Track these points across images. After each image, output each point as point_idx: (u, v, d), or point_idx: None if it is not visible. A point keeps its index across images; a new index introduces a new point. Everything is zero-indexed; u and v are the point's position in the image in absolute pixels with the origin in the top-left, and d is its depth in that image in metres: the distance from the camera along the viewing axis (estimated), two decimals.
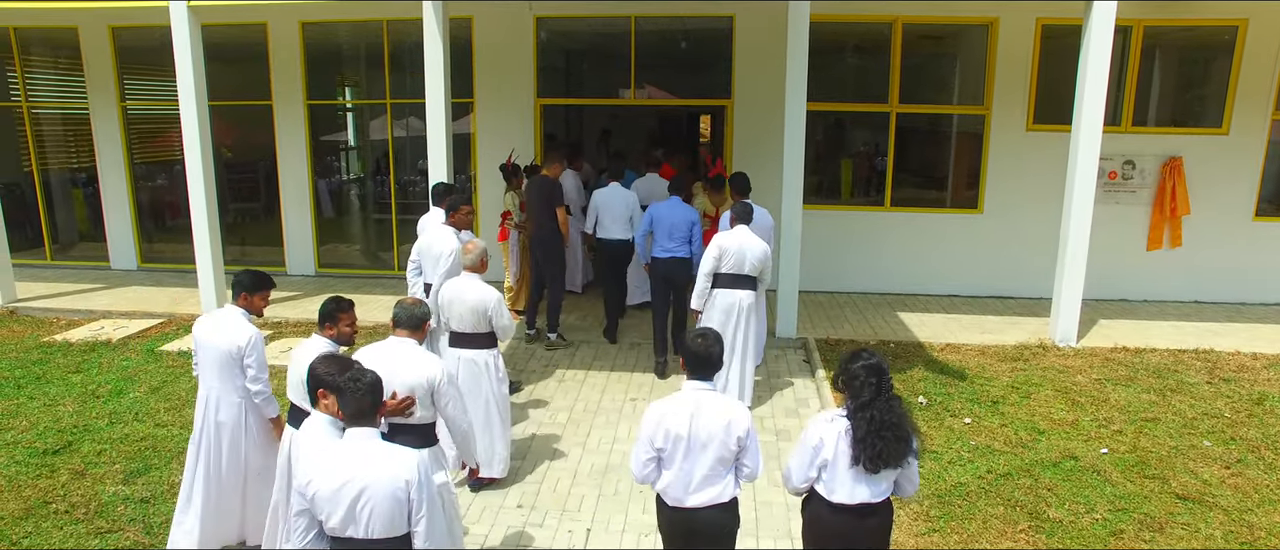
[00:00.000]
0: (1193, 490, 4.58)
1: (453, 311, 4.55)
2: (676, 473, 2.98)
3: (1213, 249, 8.40)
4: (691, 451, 2.95)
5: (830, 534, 2.96)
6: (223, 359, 3.86)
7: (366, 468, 2.60)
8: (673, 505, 3.02)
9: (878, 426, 2.82)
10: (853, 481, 2.88)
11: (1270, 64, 8.03)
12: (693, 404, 2.97)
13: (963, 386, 6.06)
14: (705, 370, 3.01)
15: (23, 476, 4.80)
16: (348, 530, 2.61)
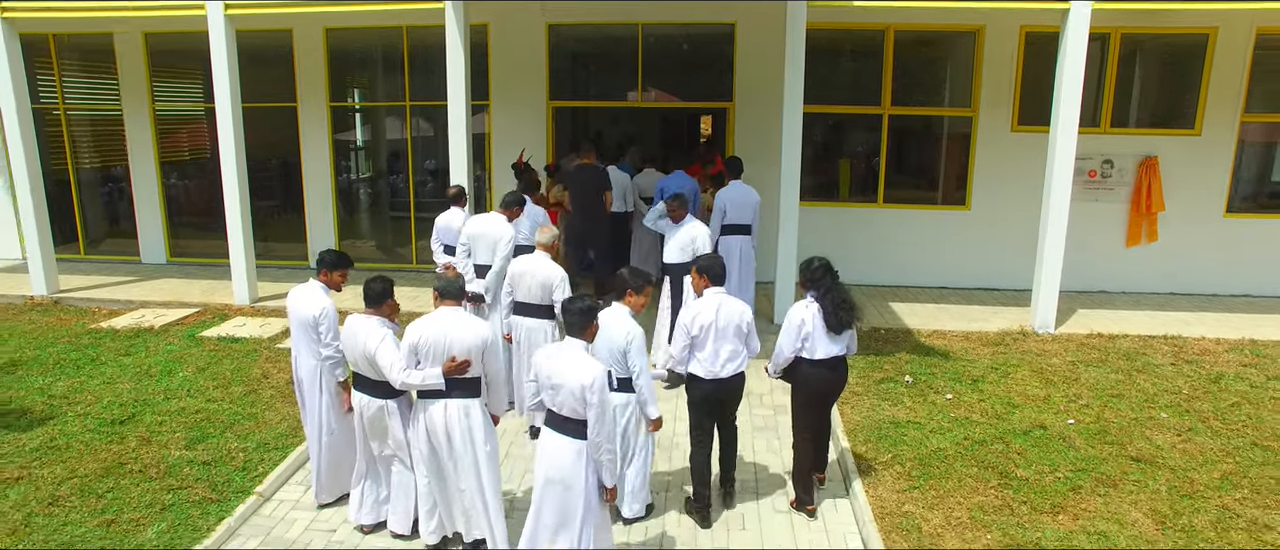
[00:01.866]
0: (1146, 453, 5.17)
1: (521, 284, 5.31)
2: (709, 352, 4.31)
3: (1187, 244, 9.00)
4: (719, 335, 4.30)
5: (816, 380, 4.50)
6: (303, 325, 4.46)
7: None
8: (708, 377, 4.33)
9: (837, 303, 4.38)
10: (827, 343, 4.42)
11: (1239, 69, 8.62)
12: (716, 302, 4.34)
13: (946, 367, 6.65)
14: (719, 280, 4.40)
15: (97, 442, 5.39)
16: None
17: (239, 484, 4.94)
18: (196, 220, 10.64)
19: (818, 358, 4.43)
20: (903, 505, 4.64)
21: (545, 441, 3.72)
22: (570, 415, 3.59)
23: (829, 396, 4.67)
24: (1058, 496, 4.70)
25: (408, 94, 9.72)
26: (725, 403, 4.47)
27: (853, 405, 5.93)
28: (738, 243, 7.08)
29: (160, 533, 4.40)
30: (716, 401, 4.43)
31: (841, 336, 4.44)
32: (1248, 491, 4.72)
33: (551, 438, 3.68)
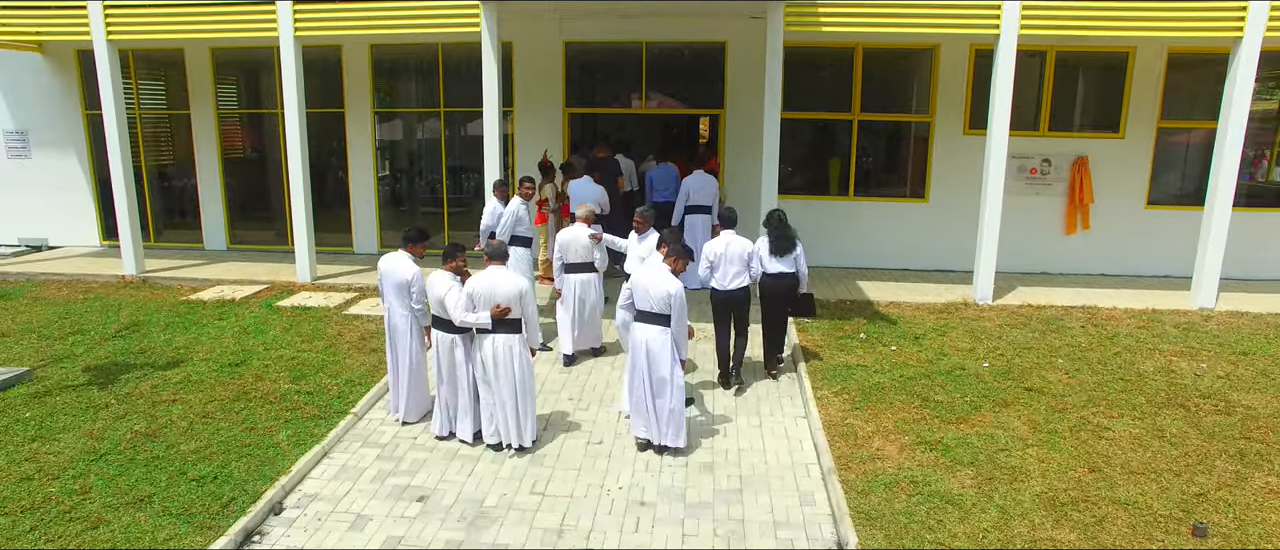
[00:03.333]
0: (1037, 385, 6.78)
1: (569, 249, 7.33)
2: (721, 272, 6.78)
3: (1113, 232, 10.61)
4: (728, 261, 6.75)
5: (767, 286, 7.03)
6: (398, 285, 6.08)
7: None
8: (722, 289, 6.80)
9: (778, 237, 6.92)
10: (775, 263, 6.96)
11: (1155, 82, 10.23)
12: (727, 239, 6.78)
13: (895, 328, 8.26)
14: (731, 226, 6.88)
15: (222, 378, 7.00)
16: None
17: (338, 407, 6.55)
18: (252, 211, 12.24)
19: (771, 271, 7.01)
20: (846, 419, 6.25)
21: (638, 330, 5.76)
22: (658, 310, 5.62)
23: (778, 299, 7.03)
24: (962, 413, 6.31)
25: (442, 100, 11.33)
26: (733, 306, 6.85)
27: (816, 353, 7.54)
28: (699, 220, 9.46)
29: (288, 437, 6.01)
30: (727, 305, 6.85)
31: (785, 259, 6.96)
32: (1102, 407, 6.33)
33: (643, 327, 5.75)
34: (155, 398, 6.65)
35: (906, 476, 5.39)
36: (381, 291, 6.33)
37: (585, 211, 7.42)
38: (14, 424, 6.16)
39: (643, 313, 5.75)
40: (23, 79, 11.86)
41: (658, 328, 5.68)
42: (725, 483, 5.54)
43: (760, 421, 6.45)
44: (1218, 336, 8.04)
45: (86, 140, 12.02)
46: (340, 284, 10.05)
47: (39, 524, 4.92)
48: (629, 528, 5.02)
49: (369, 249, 11.82)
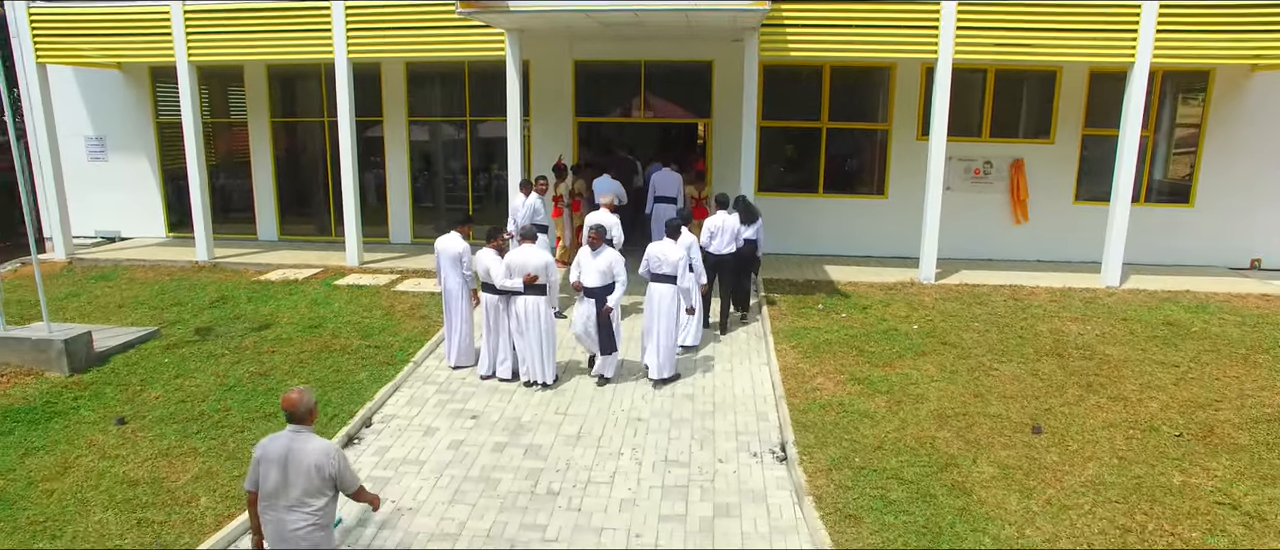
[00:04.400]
0: (951, 341, 8.74)
1: None
2: (718, 241, 9.06)
3: (1048, 225, 12.56)
4: (723, 232, 9.07)
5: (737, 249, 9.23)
6: (452, 258, 8.08)
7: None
8: (716, 253, 9.09)
9: (744, 209, 9.37)
10: (745, 230, 9.27)
11: (1080, 95, 12.19)
12: (722, 218, 9.14)
13: (848, 301, 10.22)
14: (724, 206, 9.20)
15: (305, 337, 8.99)
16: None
17: (401, 357, 8.52)
18: (298, 207, 14.22)
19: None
20: (798, 365, 8.21)
21: (654, 289, 7.84)
22: (669, 272, 7.73)
23: (744, 258, 9.39)
24: (887, 360, 8.27)
25: (468, 110, 13.31)
26: (722, 267, 9.18)
27: (780, 319, 9.50)
28: (664, 209, 11.36)
29: (366, 376, 7.98)
30: (719, 266, 9.17)
31: (750, 227, 9.33)
32: (997, 356, 8.30)
33: (658, 287, 7.82)
34: (257, 350, 8.63)
35: (836, 401, 7.35)
36: (438, 265, 8.32)
37: (608, 199, 9.70)
38: (158, 367, 8.15)
39: (656, 275, 7.91)
40: (102, 92, 13.85)
41: (669, 286, 7.85)
42: (702, 406, 7.51)
43: (732, 367, 8.41)
44: (1110, 307, 10.00)
45: (156, 144, 14.02)
46: (384, 268, 12.03)
47: (202, 429, 6.90)
48: (629, 434, 6.99)
49: (403, 239, 13.80)
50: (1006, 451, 6.39)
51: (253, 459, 4.27)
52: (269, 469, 4.19)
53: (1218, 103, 12.14)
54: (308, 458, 4.15)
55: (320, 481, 4.16)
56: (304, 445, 4.18)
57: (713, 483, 6.23)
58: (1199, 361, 8.17)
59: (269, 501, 4.20)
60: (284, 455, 4.17)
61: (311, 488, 4.16)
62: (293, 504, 4.16)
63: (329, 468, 4.17)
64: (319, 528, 4.22)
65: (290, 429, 4.25)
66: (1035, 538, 5.24)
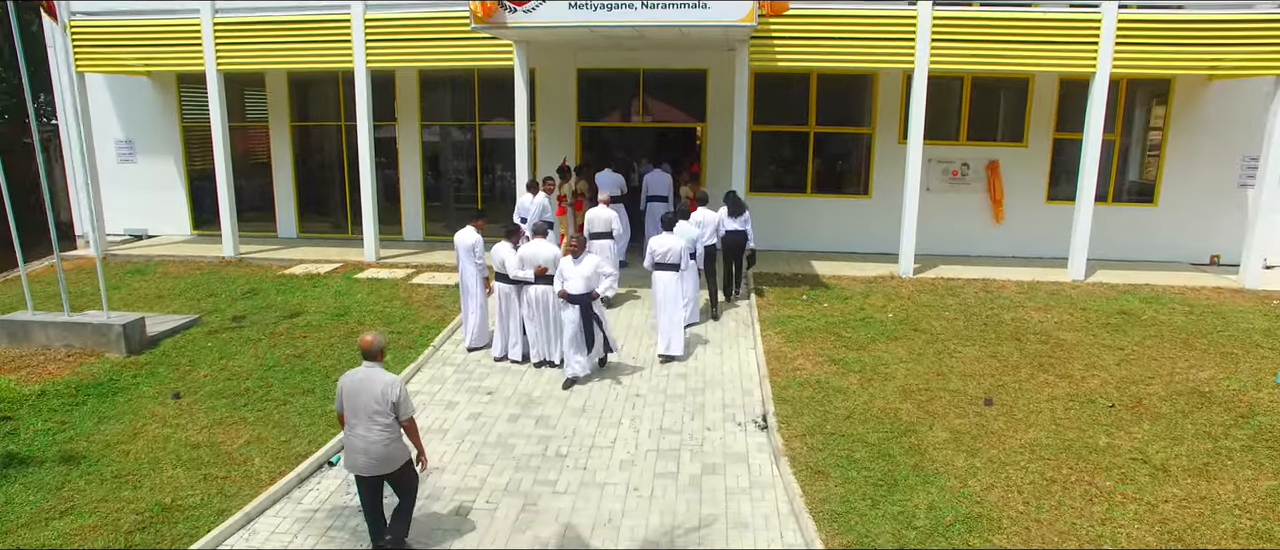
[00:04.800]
0: (922, 328, 9.69)
1: (593, 223, 10.53)
2: (710, 231, 10.28)
3: (1021, 223, 13.50)
4: (706, 225, 10.27)
5: (727, 239, 10.56)
6: (467, 249, 9.05)
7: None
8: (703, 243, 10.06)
9: (733, 203, 10.45)
10: (731, 222, 10.47)
11: (1050, 102, 13.14)
12: (720, 214, 10.53)
13: (831, 293, 11.17)
14: (704, 204, 10.19)
15: (333, 323, 9.94)
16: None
17: (421, 342, 9.47)
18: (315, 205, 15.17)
19: (729, 228, 10.42)
20: (781, 349, 9.15)
21: (659, 276, 8.89)
22: (674, 262, 8.78)
23: (735, 247, 10.56)
24: (862, 344, 9.21)
25: (477, 115, 14.27)
26: (712, 255, 10.36)
27: (767, 309, 10.44)
28: (657, 206, 12.28)
29: (392, 359, 8.92)
30: (707, 254, 10.17)
31: (738, 219, 10.39)
32: (962, 340, 9.24)
33: (662, 274, 8.89)
34: (290, 335, 9.59)
35: (814, 379, 8.30)
36: (457, 256, 9.27)
37: (608, 195, 11.08)
38: (202, 350, 9.11)
39: (659, 264, 8.97)
40: (131, 98, 14.80)
41: (671, 273, 8.95)
42: (694, 384, 8.46)
43: (722, 351, 9.36)
44: (1072, 298, 10.95)
45: (182, 146, 14.97)
46: (400, 262, 12.98)
47: (248, 403, 7.85)
48: (628, 407, 7.94)
49: (415, 236, 14.75)
50: (960, 420, 7.33)
51: (338, 389, 5.43)
52: (347, 395, 5.37)
53: (1178, 109, 13.10)
54: (377, 385, 5.31)
55: (385, 404, 5.28)
56: (375, 376, 5.35)
57: (702, 447, 7.18)
58: (1142, 345, 9.12)
59: (350, 419, 5.38)
60: (359, 384, 5.33)
61: (380, 408, 5.28)
62: (367, 420, 5.31)
63: (391, 395, 5.33)
64: (388, 441, 5.36)
65: (366, 365, 5.42)
66: (975, 487, 6.18)
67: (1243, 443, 6.68)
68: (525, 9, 10.10)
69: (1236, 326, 9.76)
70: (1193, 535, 5.47)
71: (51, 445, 7.00)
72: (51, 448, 6.95)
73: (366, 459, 5.34)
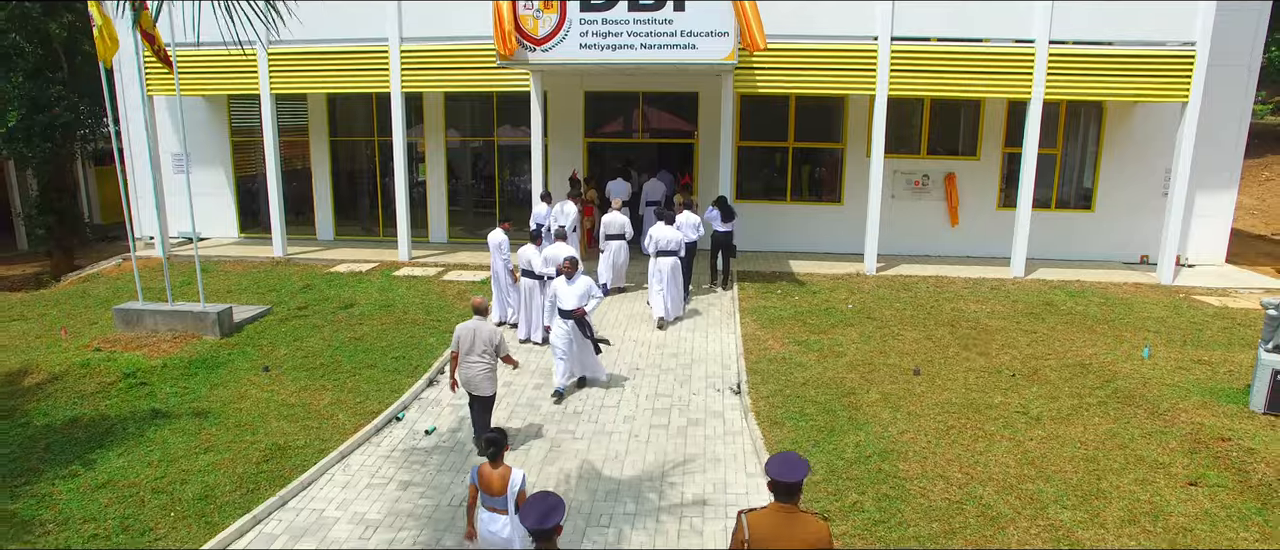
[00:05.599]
0: (875, 316, 11.81)
1: (610, 225, 12.57)
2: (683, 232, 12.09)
3: (975, 227, 15.62)
4: (686, 226, 12.28)
5: (719, 238, 13.17)
6: (495, 247, 11.25)
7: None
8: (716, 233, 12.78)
9: (724, 209, 12.80)
10: (721, 224, 12.93)
11: (1001, 121, 15.26)
12: (686, 215, 12.58)
13: (802, 288, 13.29)
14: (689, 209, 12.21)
15: (382, 314, 12.06)
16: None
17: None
18: (350, 211, 17.29)
19: (718, 229, 12.62)
20: (756, 333, 11.27)
21: (659, 261, 11.25)
22: (672, 248, 11.14)
23: (727, 245, 13.01)
24: (823, 329, 11.33)
25: (495, 131, 16.39)
26: (714, 250, 12.91)
27: (748, 301, 12.55)
28: (654, 208, 14.51)
29: (435, 340, 11.04)
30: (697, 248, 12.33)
31: (728, 223, 12.59)
32: (906, 326, 11.36)
33: (664, 258, 11.30)
34: (348, 323, 11.71)
35: (781, 356, 10.41)
36: (491, 252, 11.44)
37: (619, 201, 13.20)
38: (279, 334, 11.24)
39: (661, 251, 11.34)
40: (186, 116, 16.91)
41: (671, 259, 11.34)
42: (683, 361, 10.58)
43: (707, 335, 11.48)
44: (1008, 292, 13.07)
45: (231, 157, 17.10)
46: (430, 262, 15.11)
47: (325, 375, 9.97)
48: (630, 378, 10.05)
49: (440, 238, 16.88)
50: (891, 386, 9.45)
51: (454, 335, 7.94)
52: (463, 339, 7.82)
53: (1111, 128, 15.23)
54: (485, 333, 7.86)
55: (490, 346, 7.78)
56: (482, 327, 7.90)
57: (688, 407, 9.30)
58: (1053, 330, 11.24)
59: (463, 357, 7.87)
60: (473, 332, 7.85)
61: (486, 350, 7.81)
62: (475, 359, 7.79)
63: (495, 339, 7.88)
64: (488, 375, 7.92)
65: (475, 318, 7.97)
66: (893, 432, 8.29)
67: (1100, 400, 8.80)
68: (543, 48, 12.23)
69: (1137, 315, 11.90)
70: (1042, 461, 7.58)
71: (182, 404, 9.13)
72: (183, 406, 9.08)
73: (472, 382, 7.95)
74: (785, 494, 4.43)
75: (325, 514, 7.25)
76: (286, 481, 7.63)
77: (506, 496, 5.57)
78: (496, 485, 5.60)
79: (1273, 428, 7.82)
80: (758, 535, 4.40)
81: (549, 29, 12.19)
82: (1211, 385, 8.96)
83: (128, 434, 8.43)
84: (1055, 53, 13.33)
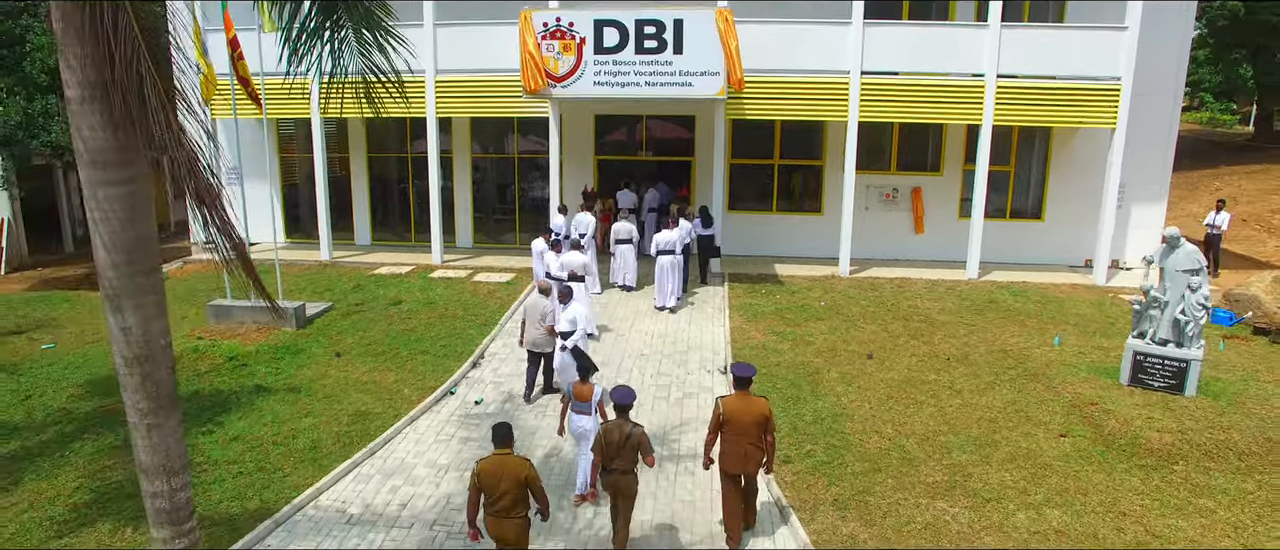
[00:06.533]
0: (843, 312, 14.26)
1: (619, 232, 15.16)
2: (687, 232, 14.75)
3: (939, 235, 18.08)
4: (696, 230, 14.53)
5: (702, 241, 16.05)
6: (537, 254, 13.71)
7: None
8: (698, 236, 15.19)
9: (705, 216, 15.13)
10: (703, 230, 15.64)
11: (961, 141, 17.72)
12: (695, 224, 14.88)
13: (783, 288, 15.74)
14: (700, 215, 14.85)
15: (425, 310, 14.53)
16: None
17: (494, 321, 14.02)
18: (383, 218, 19.75)
19: (701, 233, 15.70)
20: (741, 326, 13.72)
21: (660, 258, 13.99)
22: (670, 248, 13.77)
23: (710, 247, 15.81)
24: (797, 322, 13.78)
25: (516, 148, 18.86)
26: (700, 251, 15.37)
27: (737, 299, 15.00)
28: (653, 216, 17.11)
29: (475, 332, 13.48)
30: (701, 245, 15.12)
31: (710, 228, 15.27)
32: (868, 319, 13.81)
33: (664, 257, 14.01)
34: (399, 317, 14.16)
35: (761, 344, 12.85)
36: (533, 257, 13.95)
37: (626, 209, 15.83)
38: (342, 327, 13.70)
39: (661, 251, 13.82)
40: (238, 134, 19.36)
41: (670, 256, 13.81)
42: (680, 348, 13.03)
43: (701, 328, 13.93)
44: (961, 292, 15.53)
45: (278, 169, 19.55)
46: (460, 265, 17.56)
47: (387, 360, 12.42)
48: (636, 362, 12.49)
49: (466, 244, 19.34)
50: (848, 367, 11.89)
51: (523, 308, 10.74)
52: (530, 310, 10.63)
53: (1057, 148, 17.70)
54: (543, 305, 10.54)
55: (548, 316, 10.40)
56: (542, 301, 10.71)
57: (684, 384, 11.74)
58: (990, 323, 13.70)
59: (529, 324, 10.76)
60: (533, 305, 10.62)
61: (543, 318, 10.50)
62: (535, 326, 10.55)
63: (550, 314, 10.47)
64: (544, 338, 10.63)
65: (537, 294, 10.69)
66: (845, 402, 10.72)
67: (1011, 377, 11.26)
68: (563, 84, 14.71)
69: (1066, 311, 14.36)
70: (955, 421, 10.02)
71: (278, 381, 11.58)
72: (278, 383, 11.54)
73: (534, 342, 10.80)
74: (742, 385, 7.64)
75: (405, 461, 9.71)
76: (372, 438, 10.08)
77: (591, 402, 8.45)
78: (586, 395, 8.47)
79: (1130, 395, 10.28)
80: (729, 411, 7.58)
81: (567, 68, 14.66)
82: (1099, 365, 11.41)
83: (241, 403, 10.88)
84: (1002, 85, 15.78)
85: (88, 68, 5.13)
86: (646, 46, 14.49)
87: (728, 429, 7.59)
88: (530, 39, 14.71)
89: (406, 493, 9.02)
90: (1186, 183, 26.27)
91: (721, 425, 7.60)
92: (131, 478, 9.04)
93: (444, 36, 16.68)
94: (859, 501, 8.47)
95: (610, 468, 7.45)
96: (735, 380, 7.72)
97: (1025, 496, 8.41)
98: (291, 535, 8.27)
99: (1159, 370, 10.28)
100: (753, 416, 7.53)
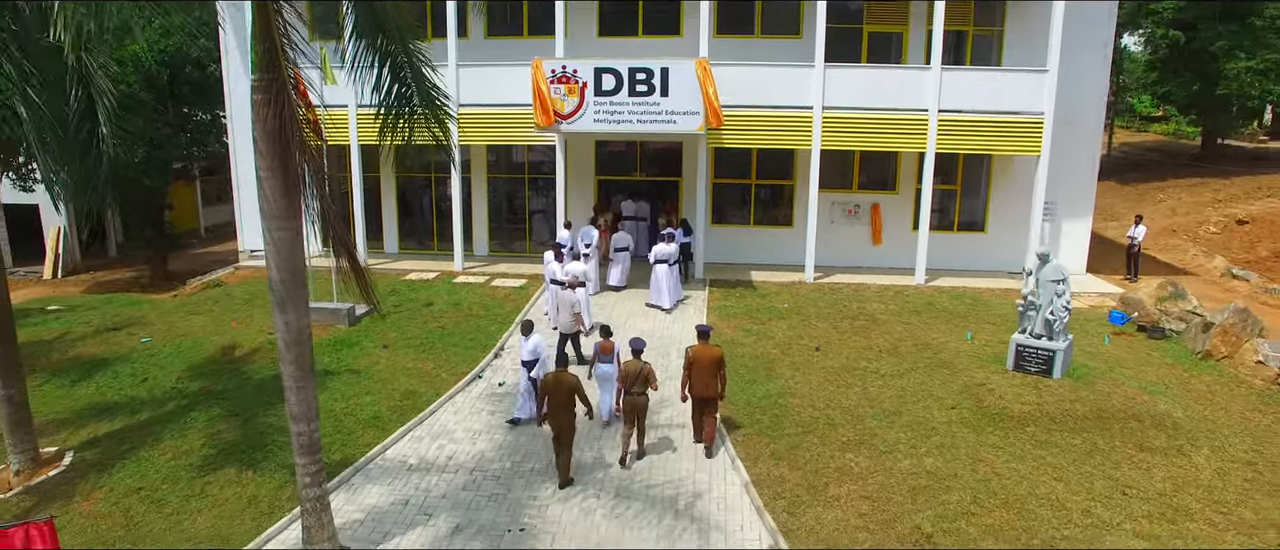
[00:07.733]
0: (802, 312, 17.40)
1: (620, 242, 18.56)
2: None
3: (894, 246, 21.20)
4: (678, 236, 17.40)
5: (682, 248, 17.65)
6: (546, 264, 16.89)
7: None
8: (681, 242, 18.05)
9: (685, 227, 18.43)
10: (685, 237, 18.54)
11: (913, 164, 20.85)
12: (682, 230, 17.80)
13: (754, 291, 18.88)
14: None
15: (453, 311, 17.71)
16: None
17: (511, 318, 17.18)
18: (408, 229, 22.94)
19: (681, 241, 18.08)
20: (718, 323, 16.84)
21: (656, 266, 17.24)
22: (664, 259, 16.96)
23: (687, 254, 18.34)
24: (763, 321, 16.93)
25: (527, 169, 22.04)
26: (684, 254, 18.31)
27: (714, 301, 18.14)
28: (644, 226, 20.12)
29: (495, 328, 16.65)
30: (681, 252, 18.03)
31: (687, 237, 18.30)
32: (823, 320, 16.96)
33: (660, 265, 17.22)
34: (432, 316, 17.32)
35: (730, 339, 15.98)
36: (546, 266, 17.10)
37: (628, 213, 18.90)
38: (385, 325, 16.87)
39: (658, 259, 17.03)
40: None
41: (665, 265, 16.97)
42: (666, 341, 16.16)
43: (683, 325, 17.05)
44: (906, 296, 18.66)
45: None
46: (479, 271, 20.72)
47: (425, 351, 15.60)
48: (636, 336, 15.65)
49: (482, 252, 22.53)
50: (799, 357, 15.03)
51: (556, 299, 14.33)
52: (562, 299, 14.11)
53: (997, 170, 20.85)
54: (572, 298, 14.16)
55: (574, 306, 13.92)
56: (568, 294, 14.22)
57: (667, 369, 14.86)
58: (923, 321, 16.83)
59: (561, 311, 14.14)
60: (562, 297, 14.13)
61: (573, 308, 14.08)
62: (565, 310, 14.13)
63: (576, 301, 13.91)
64: (572, 322, 14.20)
65: (567, 290, 13.93)
66: (792, 384, 13.84)
67: (925, 364, 14.41)
68: (568, 121, 17.88)
69: (990, 311, 17.50)
70: (874, 398, 13.16)
71: (340, 367, 14.76)
72: (340, 368, 14.72)
73: (565, 324, 13.89)
74: (703, 337, 11.78)
75: (448, 426, 12.88)
76: (421, 410, 13.25)
77: (612, 355, 12.19)
78: (609, 349, 12.22)
79: (1011, 378, 13.45)
80: (694, 354, 11.58)
81: (572, 107, 17.84)
82: (996, 355, 14.56)
83: (316, 385, 14.03)
84: (943, 118, 18.91)
85: (273, 156, 8.30)
86: (638, 90, 17.65)
87: (694, 367, 11.56)
88: (541, 83, 17.88)
89: (450, 449, 12.20)
90: (1136, 194, 29.40)
91: (690, 365, 11.57)
92: (244, 438, 12.28)
93: (465, 75, 19.85)
94: (790, 454, 11.63)
95: (631, 391, 11.40)
96: (698, 333, 12.01)
97: (912, 449, 11.57)
98: (367, 479, 11.46)
99: (1034, 358, 13.43)
100: (710, 358, 11.49)
